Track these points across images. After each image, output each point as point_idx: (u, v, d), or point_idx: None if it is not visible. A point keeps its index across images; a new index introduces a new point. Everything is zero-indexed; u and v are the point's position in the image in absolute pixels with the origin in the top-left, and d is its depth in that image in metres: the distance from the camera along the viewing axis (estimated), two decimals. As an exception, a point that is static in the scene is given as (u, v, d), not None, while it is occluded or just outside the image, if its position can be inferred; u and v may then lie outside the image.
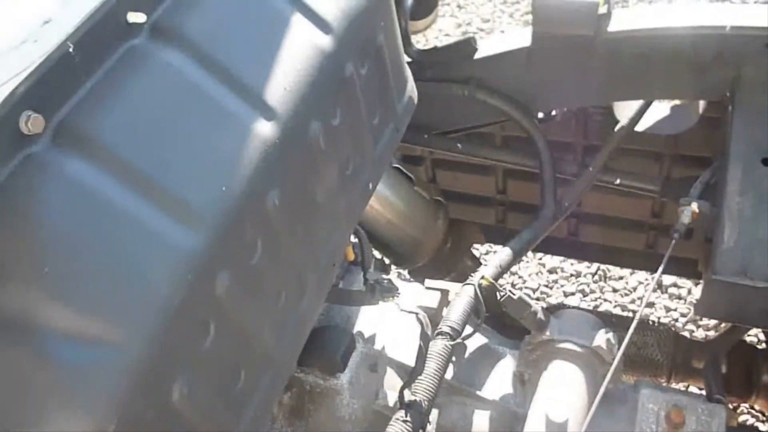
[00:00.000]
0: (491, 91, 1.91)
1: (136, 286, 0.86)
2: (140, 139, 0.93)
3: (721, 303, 1.52)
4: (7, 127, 0.82)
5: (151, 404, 0.89)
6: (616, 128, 1.90)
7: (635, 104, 1.90)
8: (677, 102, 2.04)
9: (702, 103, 1.93)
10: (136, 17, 0.99)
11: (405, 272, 2.56)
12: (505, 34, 1.97)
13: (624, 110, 1.93)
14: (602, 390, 1.38)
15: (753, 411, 2.77)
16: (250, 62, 1.10)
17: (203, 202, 0.95)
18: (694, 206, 1.57)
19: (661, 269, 1.53)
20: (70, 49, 0.88)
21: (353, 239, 1.71)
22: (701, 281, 1.64)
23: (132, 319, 0.85)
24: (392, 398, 1.55)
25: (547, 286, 3.33)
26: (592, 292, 3.26)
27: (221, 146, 1.00)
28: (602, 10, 1.69)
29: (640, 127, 1.94)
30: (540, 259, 3.42)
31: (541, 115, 2.02)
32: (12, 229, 0.83)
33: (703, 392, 1.82)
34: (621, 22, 1.73)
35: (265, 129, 1.05)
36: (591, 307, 3.14)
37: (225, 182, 0.98)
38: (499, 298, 1.55)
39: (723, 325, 2.95)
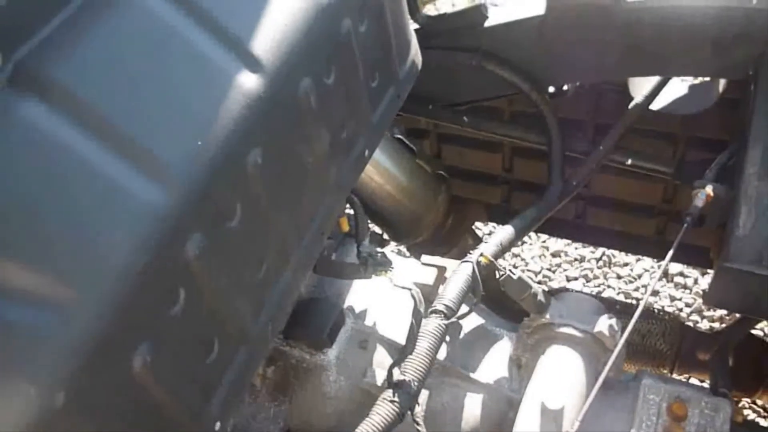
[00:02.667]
0: (501, 61, 1.82)
1: (92, 243, 0.78)
2: (106, 82, 0.85)
3: (734, 293, 1.43)
4: None
5: (107, 374, 0.81)
6: (631, 105, 1.80)
7: (651, 81, 1.80)
8: (696, 81, 1.94)
9: (722, 83, 1.83)
10: None
11: (404, 249, 2.48)
12: (517, 2, 1.86)
13: (639, 87, 1.83)
14: (602, 378, 1.30)
15: (755, 406, 2.70)
16: (237, 9, 1.02)
17: (175, 156, 0.87)
18: (709, 189, 1.48)
19: (670, 255, 1.44)
20: None
21: (348, 210, 1.63)
22: (709, 271, 1.56)
23: (85, 279, 0.77)
24: (381, 377, 1.48)
25: (549, 269, 3.25)
26: (596, 277, 3.18)
27: (198, 97, 0.92)
28: (622, -22, 1.59)
29: (655, 106, 1.84)
30: (544, 241, 3.35)
31: (552, 89, 1.93)
32: None
33: (706, 384, 1.74)
34: (641, -8, 1.63)
35: (249, 82, 0.97)
36: (594, 294, 3.06)
37: (201, 136, 0.89)
38: (498, 277, 1.47)
39: (729, 317, 2.88)
